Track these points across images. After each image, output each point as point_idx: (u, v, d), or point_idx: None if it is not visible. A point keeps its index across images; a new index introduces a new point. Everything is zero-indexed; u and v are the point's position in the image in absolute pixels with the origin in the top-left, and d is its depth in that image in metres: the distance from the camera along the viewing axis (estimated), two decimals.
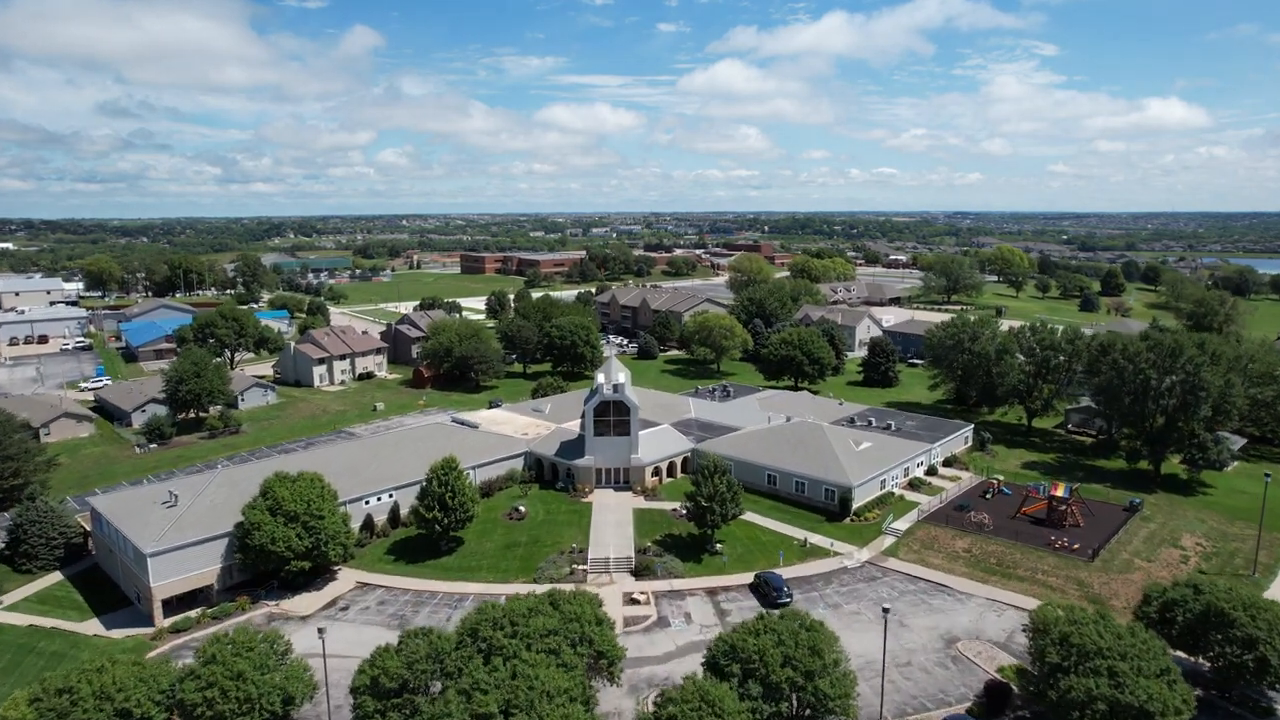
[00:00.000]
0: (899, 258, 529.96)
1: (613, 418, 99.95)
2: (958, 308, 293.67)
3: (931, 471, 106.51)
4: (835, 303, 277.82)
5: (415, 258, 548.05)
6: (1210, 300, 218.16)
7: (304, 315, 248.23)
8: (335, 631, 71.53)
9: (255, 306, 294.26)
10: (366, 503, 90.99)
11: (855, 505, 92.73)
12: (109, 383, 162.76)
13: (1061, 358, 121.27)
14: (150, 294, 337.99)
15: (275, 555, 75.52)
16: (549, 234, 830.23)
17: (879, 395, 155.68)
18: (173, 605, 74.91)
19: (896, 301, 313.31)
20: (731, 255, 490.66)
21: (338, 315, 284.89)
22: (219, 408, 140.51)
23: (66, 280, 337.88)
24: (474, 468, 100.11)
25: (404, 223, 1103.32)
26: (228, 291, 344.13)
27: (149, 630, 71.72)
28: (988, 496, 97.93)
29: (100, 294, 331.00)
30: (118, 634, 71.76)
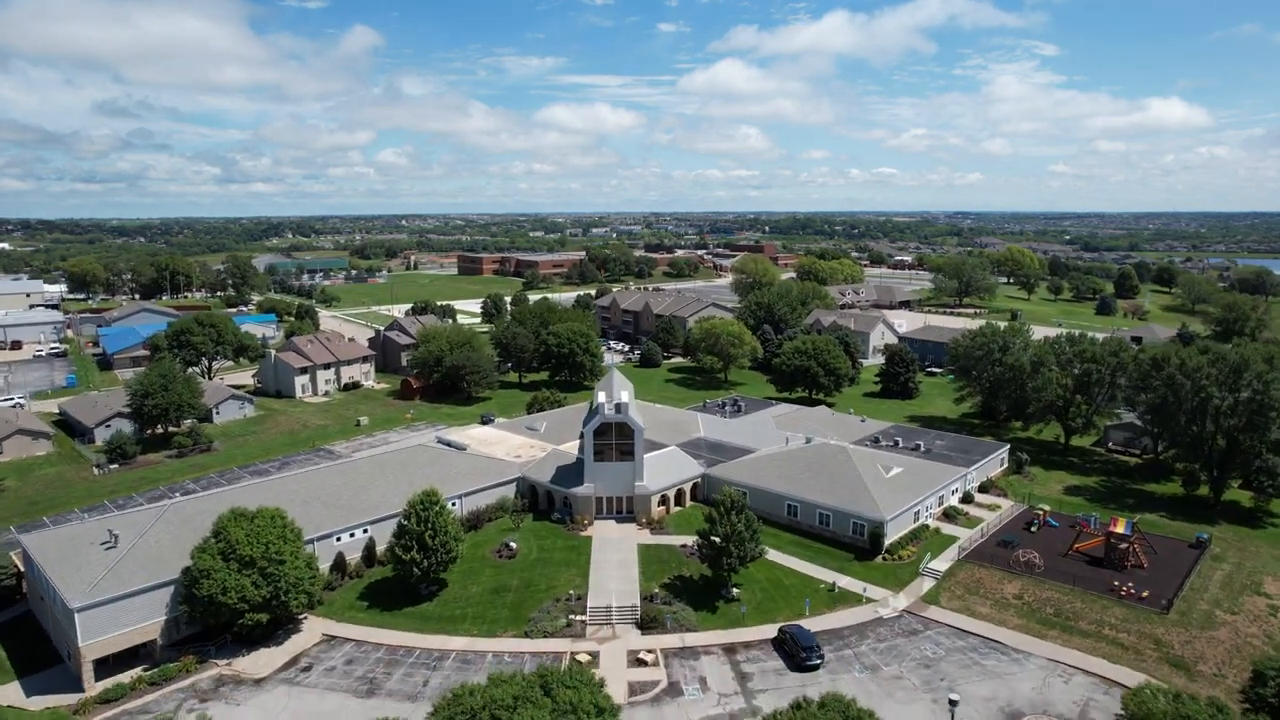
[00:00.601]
0: (904, 258, 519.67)
1: (615, 441, 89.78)
2: (971, 311, 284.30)
3: (967, 499, 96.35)
4: (844, 306, 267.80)
5: (412, 258, 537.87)
6: (1241, 304, 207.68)
7: (292, 319, 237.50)
8: (293, 701, 61.48)
9: (245, 310, 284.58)
10: (338, 539, 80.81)
11: (887, 541, 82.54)
12: (20, 400, 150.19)
13: (1104, 371, 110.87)
14: (137, 296, 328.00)
15: (226, 608, 65.43)
16: (549, 234, 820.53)
17: (899, 408, 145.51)
18: (108, 664, 64.85)
19: (906, 304, 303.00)
20: (734, 256, 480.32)
21: (328, 319, 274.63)
22: (191, 422, 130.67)
23: (49, 282, 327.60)
24: (460, 497, 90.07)
25: (403, 223, 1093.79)
26: (217, 294, 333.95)
27: (74, 699, 61.48)
28: (1033, 529, 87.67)
29: (84, 297, 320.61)
30: (37, 703, 61.53)
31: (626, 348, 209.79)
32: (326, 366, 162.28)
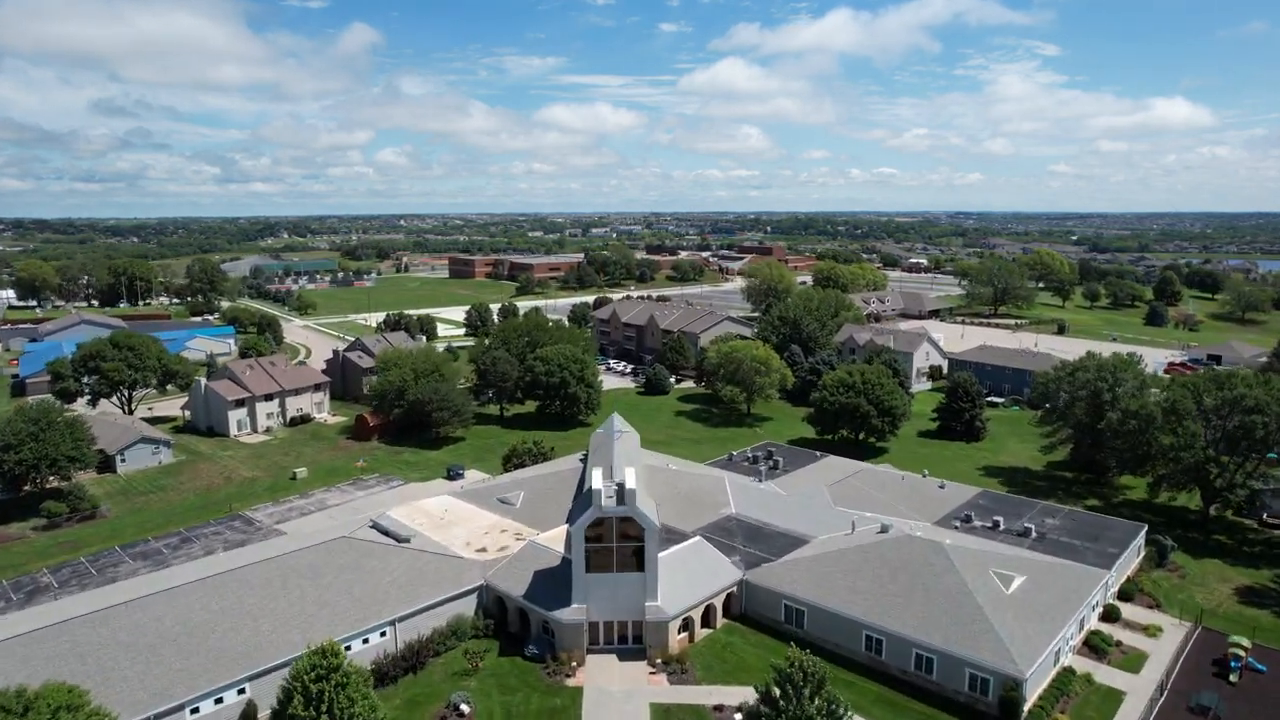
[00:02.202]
0: (920, 261, 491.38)
1: (616, 544, 62.15)
2: (1012, 322, 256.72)
3: (1111, 615, 68.60)
4: (870, 316, 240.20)
5: (404, 260, 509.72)
6: None
7: (253, 332, 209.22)
8: None
9: (211, 319, 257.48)
10: (195, 711, 53.24)
11: (1028, 704, 54.86)
12: None
13: (1271, 424, 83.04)
14: (95, 304, 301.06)
15: None
16: (548, 234, 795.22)
17: (966, 455, 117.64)
18: None
19: (935, 314, 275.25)
20: (741, 259, 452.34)
21: (298, 329, 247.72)
22: (82, 476, 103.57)
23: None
24: (393, 622, 62.48)
25: (402, 223, 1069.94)
26: (185, 300, 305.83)
27: None
28: (1232, 679, 59.85)
29: (35, 305, 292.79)
30: None
31: (629, 368, 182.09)
32: (269, 398, 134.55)
